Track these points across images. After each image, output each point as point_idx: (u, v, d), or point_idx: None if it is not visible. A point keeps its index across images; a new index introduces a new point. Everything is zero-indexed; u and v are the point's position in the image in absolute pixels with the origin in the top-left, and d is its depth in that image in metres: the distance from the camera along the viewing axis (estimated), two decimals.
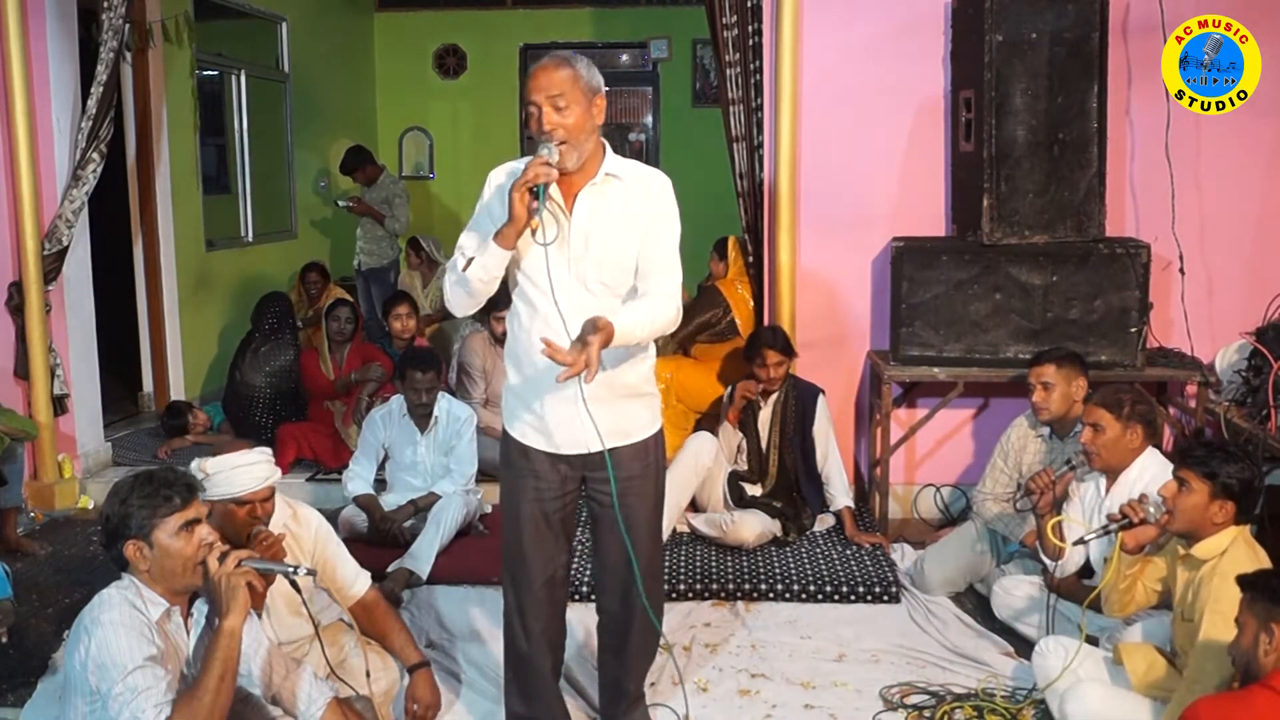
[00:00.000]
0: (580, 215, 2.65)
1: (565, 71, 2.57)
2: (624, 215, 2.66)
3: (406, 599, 4.03)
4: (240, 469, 2.90)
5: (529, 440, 2.78)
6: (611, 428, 2.69)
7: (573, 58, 2.62)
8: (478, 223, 2.73)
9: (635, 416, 2.81)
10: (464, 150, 9.93)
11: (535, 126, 2.59)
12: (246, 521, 2.92)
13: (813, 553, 4.34)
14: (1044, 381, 3.85)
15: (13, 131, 4.88)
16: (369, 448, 4.62)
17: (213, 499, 2.89)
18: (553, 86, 2.55)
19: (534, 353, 2.63)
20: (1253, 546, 2.82)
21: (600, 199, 2.66)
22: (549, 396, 2.71)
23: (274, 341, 5.84)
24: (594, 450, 2.70)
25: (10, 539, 4.54)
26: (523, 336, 2.73)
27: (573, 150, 2.59)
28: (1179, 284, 4.67)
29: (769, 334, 4.52)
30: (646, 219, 2.67)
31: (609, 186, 2.67)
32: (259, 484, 2.92)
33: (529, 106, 2.60)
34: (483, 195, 2.75)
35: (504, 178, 2.72)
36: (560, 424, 2.73)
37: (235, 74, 7.62)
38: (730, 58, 4.81)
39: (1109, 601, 3.12)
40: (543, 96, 2.56)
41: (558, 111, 2.56)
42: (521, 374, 2.78)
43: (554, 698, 3.01)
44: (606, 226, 2.65)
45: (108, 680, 2.27)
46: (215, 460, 2.90)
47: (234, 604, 2.37)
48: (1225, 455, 2.80)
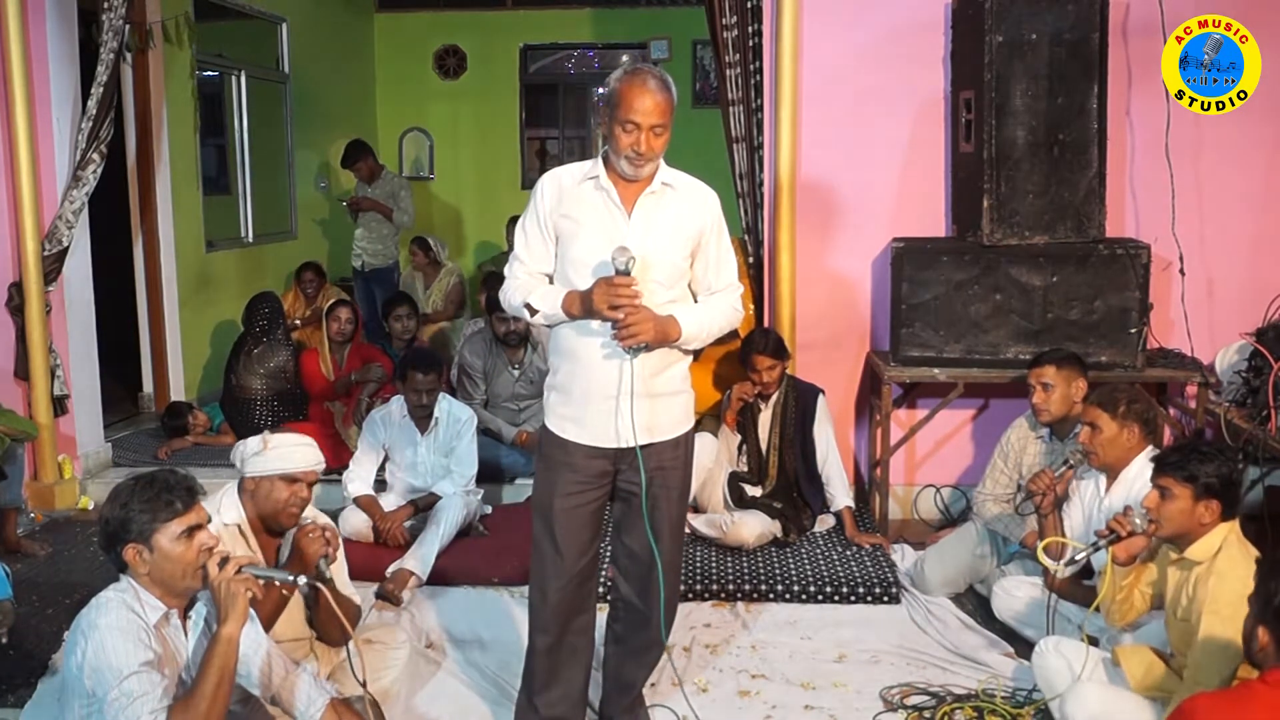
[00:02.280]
0: (638, 218, 2.78)
1: (667, 99, 2.69)
2: (677, 220, 2.81)
3: (406, 600, 4.03)
4: (301, 447, 3.06)
5: (568, 434, 2.84)
6: (648, 424, 2.79)
7: (669, 81, 2.72)
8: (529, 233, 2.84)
9: (670, 413, 2.88)
10: (464, 150, 9.93)
11: (629, 144, 2.68)
12: (288, 501, 3.02)
13: (813, 553, 4.34)
14: (1044, 383, 3.85)
15: (13, 132, 4.88)
16: (369, 449, 4.62)
17: (261, 474, 3.02)
18: (658, 115, 2.67)
19: (579, 347, 2.78)
20: (1244, 544, 2.82)
21: (656, 205, 2.80)
22: (591, 391, 2.78)
23: (267, 343, 5.83)
24: (630, 445, 2.78)
25: (10, 540, 4.54)
26: (569, 331, 2.80)
27: (652, 164, 2.74)
28: (1179, 284, 4.67)
29: (761, 338, 4.51)
30: (700, 227, 2.84)
31: (664, 194, 2.81)
32: (312, 464, 3.07)
33: (627, 124, 2.67)
34: (535, 203, 2.84)
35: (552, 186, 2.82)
36: (598, 418, 2.79)
37: (235, 75, 7.62)
38: (730, 58, 4.81)
39: (1109, 614, 3.12)
40: (647, 123, 2.66)
41: (656, 137, 2.69)
42: (566, 366, 2.84)
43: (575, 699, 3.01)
44: (661, 228, 2.78)
45: (104, 685, 2.27)
46: (280, 436, 3.07)
47: (232, 610, 2.37)
48: (1201, 455, 2.80)
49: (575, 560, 2.88)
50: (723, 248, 2.91)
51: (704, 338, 2.87)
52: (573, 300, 2.73)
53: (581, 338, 2.77)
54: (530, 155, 10.09)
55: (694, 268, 2.88)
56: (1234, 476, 2.81)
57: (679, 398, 2.91)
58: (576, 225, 2.77)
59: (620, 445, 2.80)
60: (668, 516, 2.92)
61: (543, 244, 2.83)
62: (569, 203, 2.79)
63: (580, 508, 2.86)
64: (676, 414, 2.90)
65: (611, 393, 2.75)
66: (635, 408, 2.73)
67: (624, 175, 2.75)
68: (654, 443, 2.83)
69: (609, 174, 2.76)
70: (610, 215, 2.77)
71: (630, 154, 2.69)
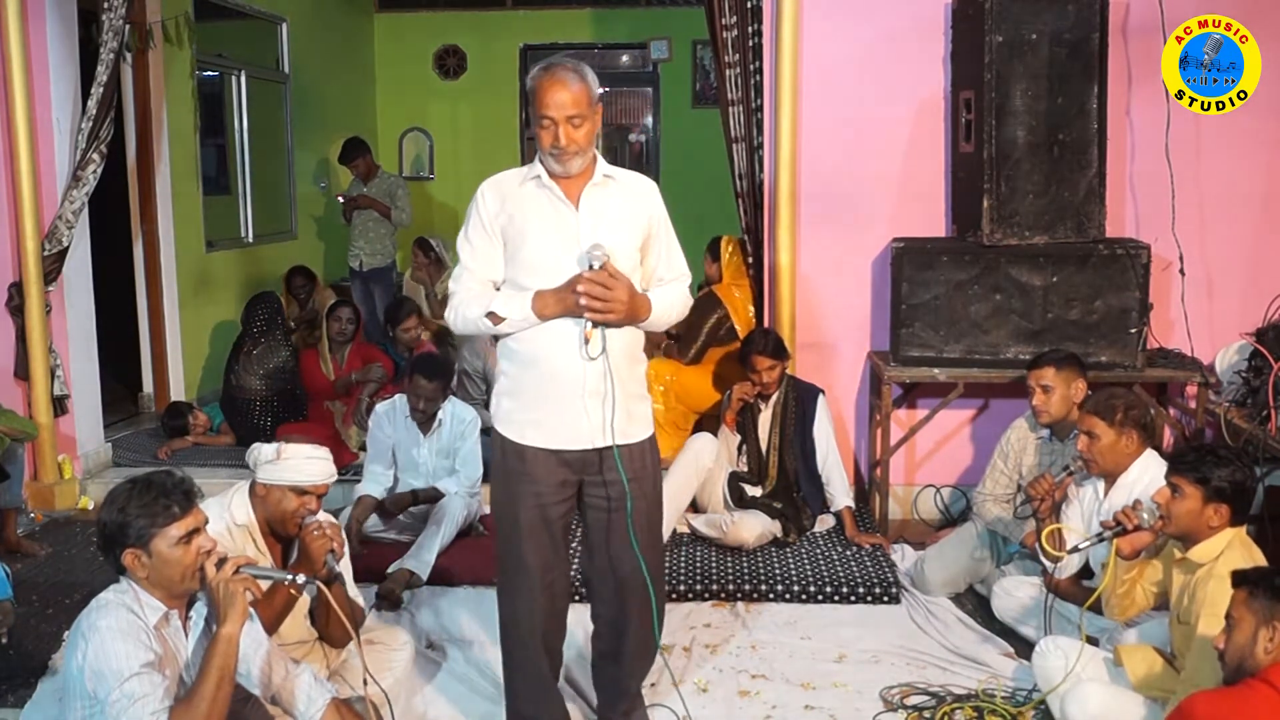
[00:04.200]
0: (585, 211, 2.75)
1: (581, 88, 2.65)
2: (624, 211, 2.79)
3: (407, 600, 4.03)
4: (313, 461, 3.02)
5: (528, 439, 2.78)
6: (618, 424, 2.74)
7: (583, 70, 2.68)
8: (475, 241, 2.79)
9: (636, 416, 2.84)
10: (464, 151, 9.93)
11: (549, 140, 2.67)
12: (296, 512, 3.00)
13: (813, 553, 4.34)
14: (1043, 384, 3.85)
15: (13, 132, 4.88)
16: (380, 448, 4.58)
17: (272, 483, 2.99)
18: (571, 106, 2.64)
19: (537, 348, 2.72)
20: (1249, 547, 2.82)
21: (601, 197, 2.78)
22: (552, 392, 2.73)
23: (266, 343, 5.83)
24: (597, 446, 2.74)
25: (10, 540, 4.54)
26: (530, 334, 2.74)
27: (580, 157, 2.71)
28: (1179, 285, 4.67)
29: (760, 339, 4.51)
30: (648, 218, 2.83)
31: (608, 185, 2.79)
32: (323, 479, 3.03)
33: (543, 120, 2.66)
34: (477, 210, 2.79)
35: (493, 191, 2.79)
36: (564, 420, 2.74)
37: (235, 75, 7.62)
38: (730, 58, 4.81)
39: (1109, 606, 3.12)
40: (561, 115, 2.64)
41: (575, 128, 2.66)
42: (522, 372, 2.78)
43: (555, 700, 3.01)
44: (611, 220, 2.77)
45: (105, 687, 2.28)
46: (294, 446, 3.01)
47: (231, 611, 2.37)
48: (1216, 459, 2.80)
49: (545, 573, 2.84)
50: (671, 237, 2.90)
51: (663, 322, 2.84)
52: (545, 301, 2.68)
53: (547, 338, 2.72)
54: (530, 156, 9.97)
55: (647, 259, 2.85)
56: (1247, 483, 2.81)
57: (644, 401, 2.89)
58: (524, 227, 2.74)
59: (588, 447, 2.75)
60: (648, 524, 2.88)
61: (490, 251, 2.78)
62: (513, 205, 2.75)
63: (548, 521, 2.81)
64: (640, 419, 2.86)
65: (579, 392, 2.71)
66: (604, 409, 2.69)
67: (555, 172, 2.72)
68: (626, 444, 2.78)
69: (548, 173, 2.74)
70: (558, 212, 2.74)
71: (552, 150, 2.66)
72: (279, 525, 3.03)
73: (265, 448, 3.03)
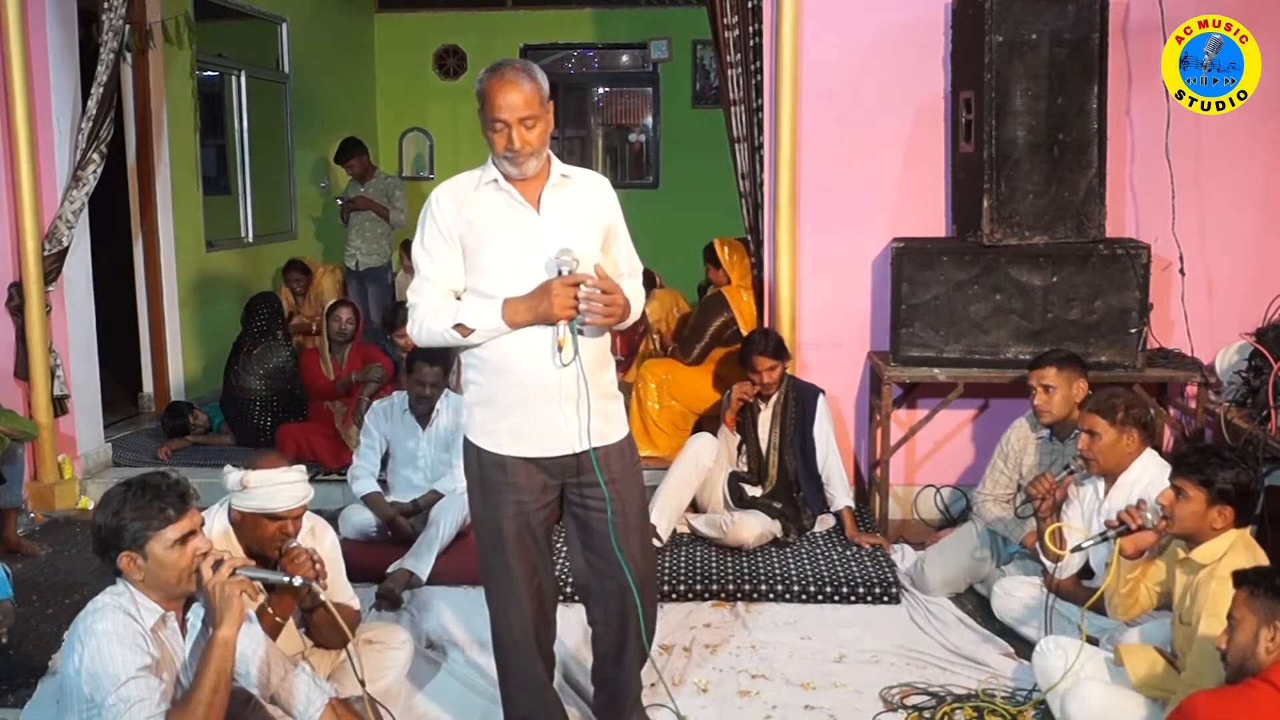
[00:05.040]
0: (547, 213, 2.72)
1: (532, 88, 2.61)
2: (584, 210, 2.77)
3: (406, 600, 4.03)
4: (281, 486, 2.91)
5: (505, 449, 2.74)
6: (595, 427, 2.72)
7: (532, 69, 2.65)
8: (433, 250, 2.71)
9: (611, 417, 2.82)
10: (464, 151, 9.91)
11: (502, 144, 2.63)
12: (274, 537, 2.94)
13: (813, 553, 4.34)
14: (1045, 384, 3.85)
15: (13, 132, 4.88)
16: (372, 441, 4.62)
17: (245, 509, 2.92)
18: (522, 108, 2.60)
19: (507, 356, 2.68)
20: (1252, 549, 2.82)
21: (560, 197, 2.75)
22: (526, 400, 2.70)
23: (266, 343, 5.84)
24: (577, 451, 2.72)
25: (10, 540, 4.54)
26: (500, 342, 2.69)
27: (535, 159, 2.67)
28: (1179, 285, 4.67)
29: (761, 339, 4.51)
30: (608, 216, 2.83)
31: (566, 185, 2.76)
32: (296, 503, 2.95)
33: (495, 123, 2.62)
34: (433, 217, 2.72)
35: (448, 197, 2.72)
36: (541, 427, 2.71)
37: (235, 75, 7.62)
38: (731, 58, 4.81)
39: (1112, 606, 3.12)
40: (514, 117, 2.60)
41: (528, 130, 2.62)
42: (493, 381, 2.73)
43: (553, 702, 3.00)
44: (572, 220, 2.74)
45: (101, 691, 2.27)
46: (259, 474, 2.90)
47: (227, 613, 2.36)
48: (1221, 461, 2.80)
49: (531, 579, 2.83)
50: (626, 233, 2.90)
51: (634, 319, 2.81)
52: (516, 309, 2.62)
53: (517, 346, 2.66)
54: None
55: (607, 256, 2.80)
56: (1252, 486, 2.81)
57: (617, 401, 2.87)
58: (485, 232, 2.68)
59: (568, 452, 2.72)
60: (634, 527, 2.85)
61: (450, 259, 2.71)
62: (470, 211, 2.70)
63: (532, 527, 2.80)
64: (615, 419, 2.84)
65: (553, 398, 2.67)
66: (579, 412, 2.66)
67: (510, 175, 2.67)
68: (603, 446, 2.75)
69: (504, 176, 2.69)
70: (518, 215, 2.69)
71: (506, 153, 2.62)
72: (258, 549, 2.95)
73: (231, 476, 2.92)
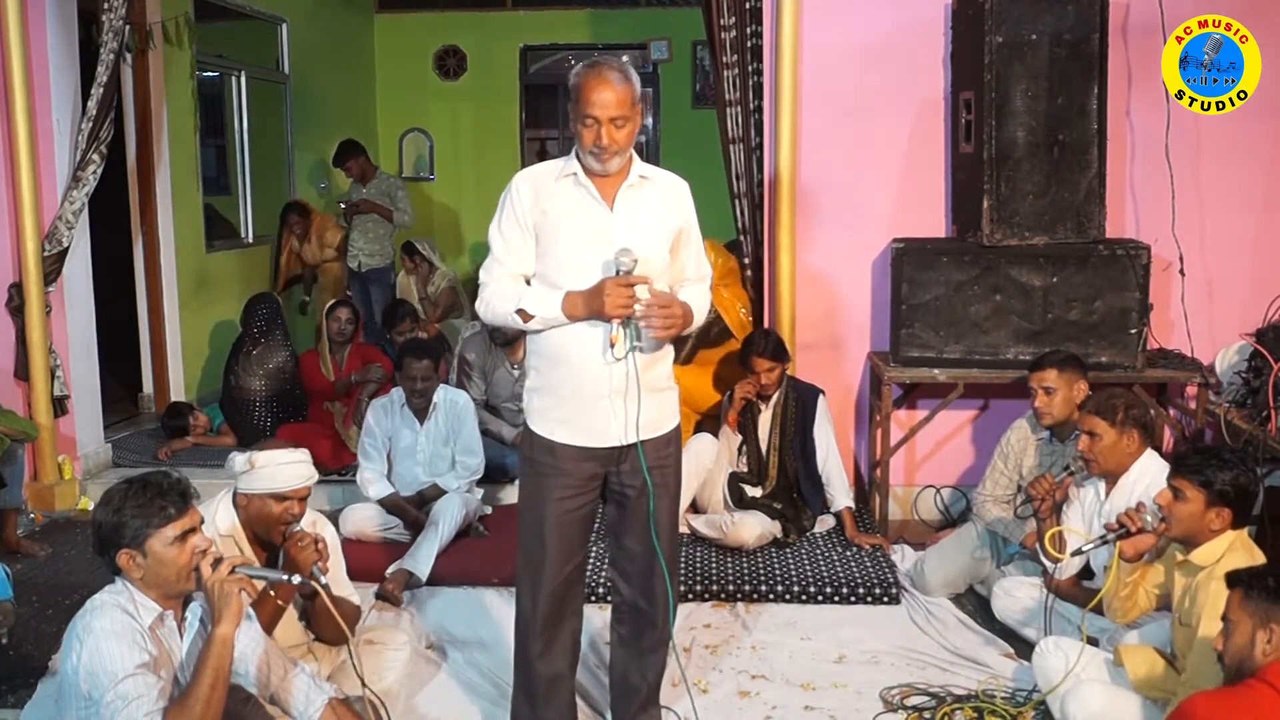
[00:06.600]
0: (620, 212, 2.74)
1: (626, 89, 2.64)
2: (656, 212, 2.79)
3: (406, 600, 4.03)
4: (286, 465, 3.01)
5: (557, 436, 2.79)
6: (643, 420, 2.75)
7: (628, 70, 2.67)
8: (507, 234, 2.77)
9: (662, 408, 2.86)
10: (464, 151, 9.92)
11: (590, 139, 2.65)
12: (280, 517, 3.00)
13: (813, 554, 4.34)
14: (1046, 386, 3.85)
15: (13, 132, 4.88)
16: (375, 441, 4.60)
17: (252, 492, 3.00)
18: (615, 107, 2.62)
19: (563, 348, 2.73)
20: (1250, 550, 2.82)
21: (636, 198, 2.77)
22: (578, 391, 2.75)
23: (265, 343, 5.84)
24: (624, 444, 2.75)
25: (10, 540, 4.54)
26: (558, 333, 2.74)
27: (619, 157, 2.70)
28: (1179, 285, 4.67)
29: (761, 340, 4.50)
30: (681, 220, 2.84)
31: (643, 187, 2.78)
32: (301, 482, 3.03)
33: (586, 119, 2.64)
34: (511, 202, 2.77)
35: (528, 184, 2.76)
36: (591, 418, 2.76)
37: (235, 75, 7.62)
38: (728, 59, 4.81)
39: (1112, 608, 3.12)
40: (605, 115, 2.62)
41: (618, 129, 2.65)
42: (550, 370, 2.79)
43: (567, 704, 2.99)
44: (645, 222, 2.76)
45: (99, 688, 2.28)
46: (265, 454, 3.00)
47: (226, 611, 2.37)
48: (1220, 462, 2.80)
49: (563, 565, 2.85)
50: (699, 238, 2.93)
51: (698, 324, 2.87)
52: (574, 302, 2.67)
53: (573, 339, 2.72)
54: (530, 156, 10.08)
55: (676, 260, 2.84)
56: (1250, 487, 2.81)
57: (669, 393, 2.90)
58: (558, 223, 2.72)
59: (615, 444, 2.76)
60: (667, 514, 2.90)
61: (523, 245, 2.76)
62: (547, 200, 2.74)
63: (572, 513, 2.82)
64: (668, 410, 2.88)
65: (604, 392, 2.72)
66: (630, 405, 2.70)
67: (593, 170, 2.70)
68: (650, 438, 2.80)
69: (584, 170, 2.73)
70: (592, 211, 2.73)
71: (594, 149, 2.65)
72: (264, 532, 3.03)
73: (237, 459, 3.01)
